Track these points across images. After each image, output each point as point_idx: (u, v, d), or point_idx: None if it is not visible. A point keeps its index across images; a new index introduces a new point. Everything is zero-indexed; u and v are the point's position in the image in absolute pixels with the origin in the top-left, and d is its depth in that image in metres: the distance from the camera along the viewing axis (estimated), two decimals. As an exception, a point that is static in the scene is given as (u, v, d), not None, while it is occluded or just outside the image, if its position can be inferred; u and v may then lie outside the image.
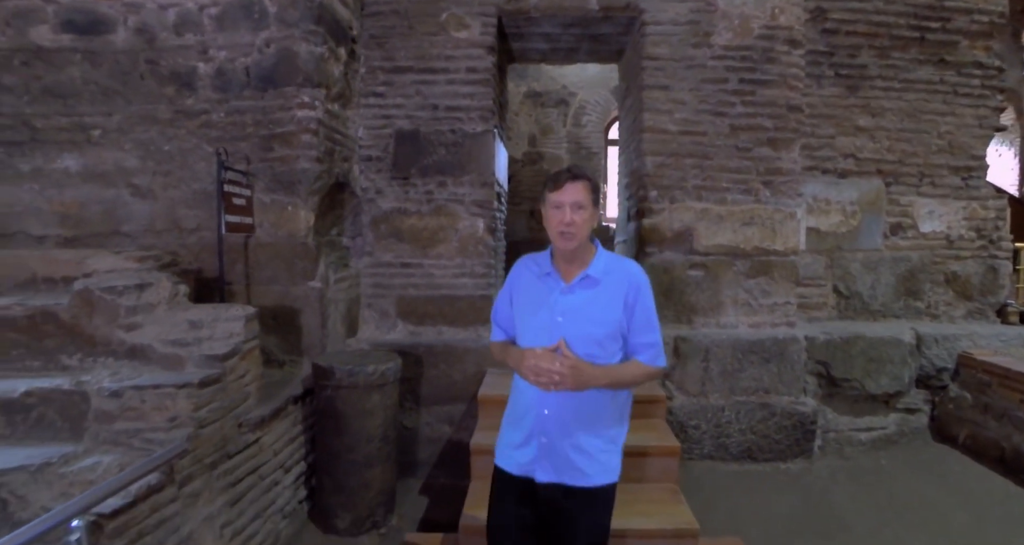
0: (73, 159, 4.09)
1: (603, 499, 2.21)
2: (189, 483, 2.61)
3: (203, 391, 2.66)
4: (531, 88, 9.26)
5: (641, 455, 3.56)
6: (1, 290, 3.25)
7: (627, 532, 3.10)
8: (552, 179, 2.16)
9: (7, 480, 2.35)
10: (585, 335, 2.13)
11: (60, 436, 2.64)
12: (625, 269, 2.21)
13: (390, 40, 4.66)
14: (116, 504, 2.22)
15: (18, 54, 4.15)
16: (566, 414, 2.16)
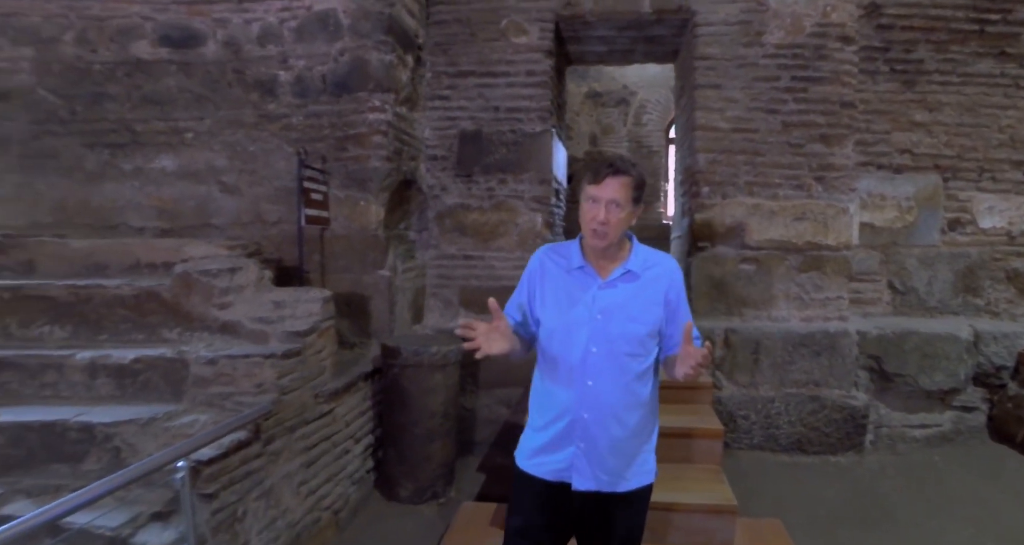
0: (169, 159, 4.55)
1: (641, 500, 2.13)
2: (272, 442, 2.94)
3: (286, 362, 3.00)
4: (592, 88, 9.43)
5: (686, 436, 3.73)
6: (110, 273, 3.70)
7: (667, 505, 3.27)
8: (593, 170, 2.00)
9: (120, 431, 2.74)
10: (627, 333, 2.00)
11: (163, 397, 3.03)
12: (664, 265, 2.10)
13: (453, 47, 4.96)
14: (210, 454, 2.55)
15: (121, 66, 4.63)
16: (606, 416, 2.03)
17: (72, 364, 3.11)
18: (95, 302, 3.40)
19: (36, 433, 2.82)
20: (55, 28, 4.65)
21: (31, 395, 3.11)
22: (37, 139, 4.64)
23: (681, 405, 4.08)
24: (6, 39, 4.64)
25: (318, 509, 3.38)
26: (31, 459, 2.82)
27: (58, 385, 3.11)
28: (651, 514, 3.25)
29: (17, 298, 3.44)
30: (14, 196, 4.61)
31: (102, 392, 3.09)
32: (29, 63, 4.65)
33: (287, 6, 4.49)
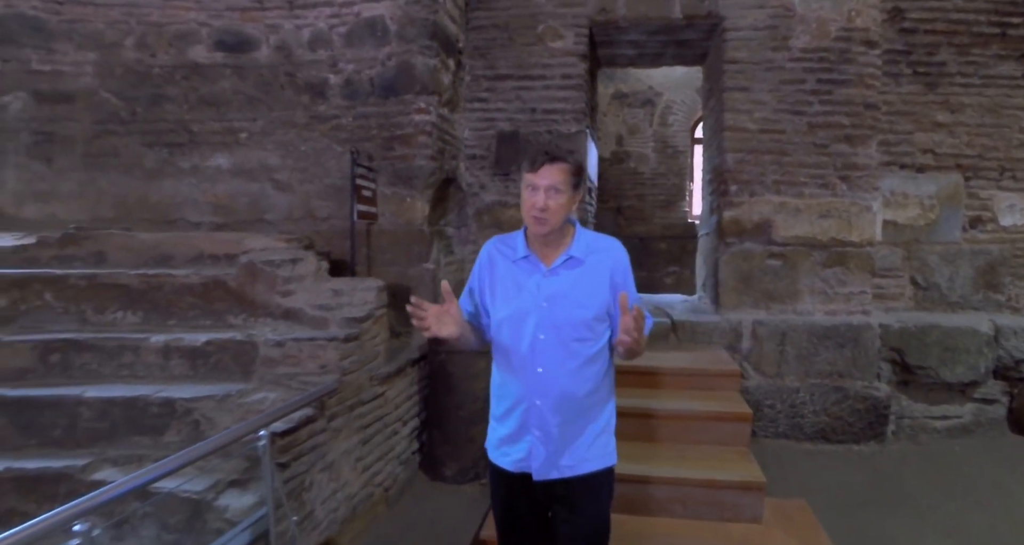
0: (224, 158, 4.82)
1: (604, 484, 2.14)
2: (334, 419, 3.18)
3: (346, 345, 3.24)
4: (618, 89, 9.59)
5: (716, 420, 3.93)
6: (175, 264, 3.97)
7: (699, 482, 3.47)
8: (530, 159, 2.03)
9: (198, 406, 3.00)
10: (573, 319, 2.02)
11: (233, 377, 3.28)
12: (608, 249, 2.12)
13: (492, 51, 5.19)
14: (283, 427, 2.79)
15: (179, 70, 4.91)
16: (560, 400, 2.04)
17: (147, 346, 3.37)
18: (165, 290, 3.67)
19: (120, 408, 3.08)
20: (117, 33, 4.94)
21: (110, 375, 3.37)
22: (100, 139, 4.93)
23: (709, 392, 4.27)
24: (71, 44, 4.94)
25: (371, 485, 3.62)
26: (115, 432, 3.08)
27: (135, 366, 3.37)
28: (685, 490, 3.50)
29: (92, 286, 3.72)
30: (78, 193, 4.90)
31: (176, 372, 3.35)
32: (92, 67, 4.94)
33: (336, 13, 4.74)
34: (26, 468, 2.88)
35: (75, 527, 1.83)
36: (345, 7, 4.75)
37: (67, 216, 4.78)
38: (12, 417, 3.10)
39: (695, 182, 9.84)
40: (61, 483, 2.81)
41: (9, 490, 2.85)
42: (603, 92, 9.54)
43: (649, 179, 9.55)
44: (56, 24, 4.92)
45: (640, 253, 9.23)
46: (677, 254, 9.28)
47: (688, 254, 8.78)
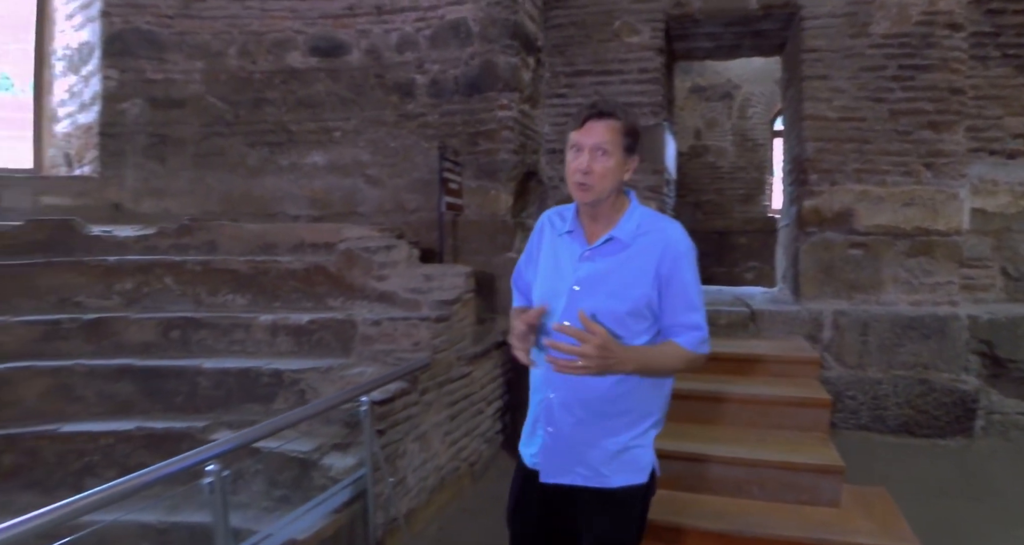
0: (320, 155, 5.16)
1: (624, 504, 1.81)
2: (426, 394, 3.41)
3: (438, 325, 3.47)
4: (696, 83, 9.53)
5: (794, 405, 3.95)
6: (279, 252, 4.31)
7: (777, 464, 3.51)
8: (574, 116, 1.78)
9: (304, 377, 3.29)
10: (604, 310, 1.73)
11: (333, 353, 3.57)
12: (662, 231, 1.80)
13: (570, 48, 5.35)
14: (381, 397, 3.03)
15: (278, 75, 5.28)
16: (576, 401, 1.78)
17: (257, 324, 3.71)
18: (270, 275, 4.00)
19: (234, 378, 3.41)
20: (221, 43, 5.35)
21: (223, 349, 3.72)
22: (207, 140, 5.35)
23: (788, 378, 4.29)
24: (181, 54, 5.38)
25: (458, 459, 3.84)
26: (230, 399, 3.41)
27: (245, 342, 3.71)
28: (762, 472, 3.55)
29: (206, 271, 4.09)
30: (188, 189, 5.34)
31: (282, 348, 3.67)
32: (200, 74, 5.37)
33: (422, 16, 5.01)
34: (155, 428, 3.26)
35: (208, 467, 2.09)
36: (430, 11, 5.01)
37: (179, 210, 5.21)
38: (141, 385, 3.48)
39: (775, 176, 9.71)
40: (183, 442, 3.14)
41: (140, 446, 3.23)
42: (680, 86, 9.50)
43: (728, 173, 9.45)
44: (168, 36, 5.37)
45: (719, 248, 9.18)
46: (757, 249, 9.16)
47: (769, 249, 8.67)
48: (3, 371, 3.50)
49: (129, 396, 3.48)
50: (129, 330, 3.75)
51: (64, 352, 3.70)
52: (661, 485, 3.53)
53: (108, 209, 5.24)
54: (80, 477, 3.26)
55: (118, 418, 3.37)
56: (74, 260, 4.16)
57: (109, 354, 3.67)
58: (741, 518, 3.36)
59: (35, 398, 3.50)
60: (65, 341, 3.74)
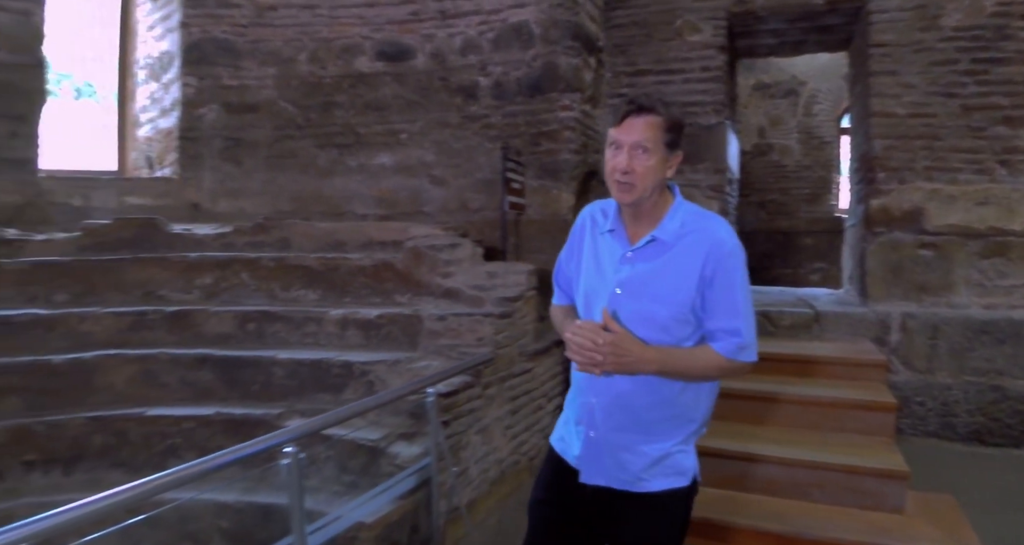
0: (387, 156, 5.33)
1: (666, 507, 1.78)
2: (489, 388, 3.51)
3: (501, 321, 3.57)
4: (759, 80, 9.36)
5: (858, 408, 3.89)
6: (348, 249, 4.48)
7: (836, 466, 3.46)
8: (613, 112, 1.71)
9: (373, 369, 3.42)
10: (646, 315, 1.69)
11: (400, 346, 3.70)
12: (707, 230, 1.72)
13: (631, 47, 5.39)
14: (445, 389, 3.13)
15: (346, 79, 5.47)
16: (618, 407, 1.75)
17: (328, 318, 3.87)
18: (341, 271, 4.17)
19: (307, 368, 3.57)
20: (292, 50, 5.58)
21: (296, 342, 3.90)
22: (279, 143, 5.58)
23: (853, 381, 4.22)
24: (255, 61, 5.63)
25: (518, 453, 3.92)
26: (303, 388, 3.58)
27: (317, 334, 3.88)
28: (824, 474, 3.51)
29: (280, 267, 4.29)
30: (261, 190, 5.58)
31: (351, 341, 3.82)
32: (272, 80, 5.61)
33: (485, 20, 5.13)
34: (233, 413, 3.46)
35: (286, 449, 2.22)
36: (493, 14, 5.12)
37: (253, 210, 5.45)
38: (220, 373, 3.69)
39: (842, 174, 9.46)
40: (259, 427, 3.30)
41: (219, 431, 3.43)
42: (743, 83, 9.32)
43: (793, 172, 9.25)
44: (242, 45, 5.63)
45: (784, 248, 9.01)
46: (823, 250, 8.94)
47: (835, 250, 8.45)
48: (94, 358, 3.76)
49: (209, 384, 3.69)
50: (209, 322, 3.97)
51: (149, 341, 3.94)
52: (720, 484, 3.60)
53: (187, 208, 5.52)
54: (164, 458, 3.46)
55: (199, 404, 3.59)
56: (158, 256, 4.42)
57: (190, 344, 3.89)
58: (800, 520, 3.34)
59: (123, 383, 3.74)
60: (150, 331, 3.99)
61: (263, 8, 5.59)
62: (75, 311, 4.03)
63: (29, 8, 4.93)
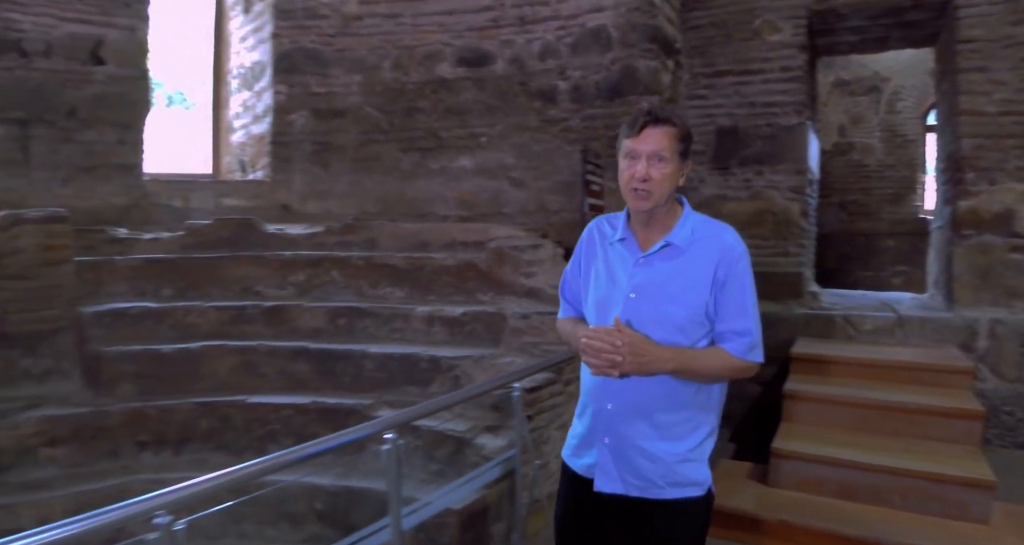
0: (467, 159, 5.50)
1: (680, 516, 1.81)
2: (569, 385, 3.61)
3: (580, 319, 3.66)
4: (839, 77, 9.07)
5: (942, 415, 3.81)
6: (432, 249, 4.68)
7: (918, 473, 3.42)
8: (630, 121, 1.78)
9: (459, 363, 3.59)
10: (662, 317, 1.76)
11: (484, 343, 3.85)
12: (717, 237, 1.81)
13: (709, 49, 5.39)
14: (529, 385, 3.25)
15: (428, 85, 5.67)
16: (633, 411, 1.79)
17: (415, 315, 4.07)
18: (426, 270, 4.37)
19: (396, 362, 3.77)
20: (377, 57, 5.81)
21: (384, 337, 4.12)
22: (364, 146, 5.83)
23: (937, 388, 4.13)
24: (341, 69, 5.88)
25: (596, 449, 4.01)
26: (392, 381, 3.77)
27: (404, 330, 4.09)
28: (905, 481, 3.46)
29: (368, 265, 4.52)
30: (347, 192, 5.84)
31: (437, 337, 4.00)
32: (358, 87, 5.86)
33: (563, 25, 5.23)
34: (327, 403, 3.71)
35: (387, 435, 2.38)
36: (571, 19, 5.21)
37: (339, 211, 5.70)
38: (314, 365, 3.94)
39: (927, 174, 9.13)
40: (352, 416, 3.51)
41: (315, 418, 3.67)
42: (822, 81, 9.02)
43: (875, 171, 8.93)
44: (329, 53, 5.89)
45: (864, 251, 8.76)
46: (907, 252, 8.62)
47: (919, 252, 8.15)
48: (199, 348, 4.06)
49: (304, 375, 3.93)
50: (302, 317, 4.23)
51: (248, 334, 4.22)
52: (797, 488, 3.61)
53: (278, 209, 5.82)
54: (263, 442, 3.71)
55: (295, 393, 3.83)
56: (255, 254, 4.71)
57: (286, 337, 4.14)
58: (880, 526, 3.32)
59: (225, 372, 4.03)
60: (249, 325, 4.27)
61: (349, 18, 5.84)
62: (181, 305, 4.35)
63: (135, 24, 5.31)
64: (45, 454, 3.64)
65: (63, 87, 5.00)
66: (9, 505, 3.32)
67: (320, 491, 3.40)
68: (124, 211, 5.28)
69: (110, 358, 3.95)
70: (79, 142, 5.10)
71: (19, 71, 4.81)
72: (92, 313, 4.16)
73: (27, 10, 4.82)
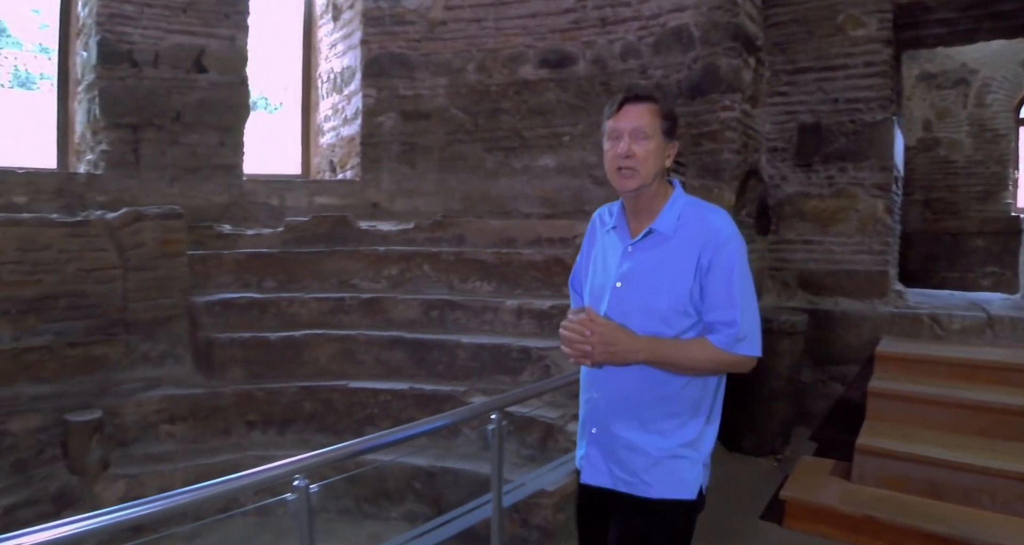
0: (550, 158, 5.66)
1: (665, 517, 1.73)
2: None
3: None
4: (924, 70, 8.76)
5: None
6: (518, 245, 4.87)
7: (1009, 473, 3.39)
8: (610, 102, 1.75)
9: (549, 354, 3.77)
10: (644, 306, 1.70)
11: (572, 336, 3.98)
12: (704, 220, 1.73)
13: (791, 45, 5.38)
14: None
15: (511, 86, 5.84)
16: (616, 401, 1.75)
17: (504, 307, 4.26)
18: (513, 265, 4.55)
19: (488, 352, 3.96)
20: (461, 61, 6.02)
21: (475, 328, 4.32)
22: (450, 146, 6.06)
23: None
24: (427, 72, 6.12)
25: (678, 440, 4.10)
26: (483, 370, 3.97)
27: (494, 322, 4.28)
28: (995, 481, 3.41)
29: (458, 260, 4.74)
30: (434, 190, 6.08)
31: (525, 329, 4.18)
32: (444, 89, 6.09)
33: (644, 25, 5.32)
34: (423, 389, 3.93)
35: (492, 416, 2.56)
36: (652, 19, 5.30)
37: (426, 208, 5.95)
38: (409, 353, 4.18)
39: (1020, 171, 8.75)
40: (447, 402, 3.72)
41: (411, 404, 3.91)
42: (906, 74, 8.76)
43: (963, 168, 8.58)
44: (416, 58, 6.14)
45: (951, 251, 8.46)
46: (997, 252, 8.28)
47: (1010, 252, 7.85)
48: (303, 336, 4.34)
49: (400, 362, 4.16)
50: (397, 308, 4.47)
51: (346, 324, 4.50)
52: (882, 484, 3.64)
53: (367, 207, 6.11)
54: (362, 425, 3.96)
55: (392, 380, 4.07)
56: (351, 249, 5.00)
57: (382, 327, 4.39)
58: (968, 525, 3.31)
59: (326, 359, 4.30)
60: (347, 315, 4.54)
61: (434, 24, 6.08)
62: (284, 296, 4.65)
63: (235, 34, 5.66)
64: (165, 430, 3.99)
65: (170, 94, 5.37)
66: (135, 475, 3.67)
67: (418, 471, 3.62)
68: (224, 209, 5.65)
69: (221, 344, 4.27)
70: (184, 144, 5.47)
71: (131, 80, 5.20)
72: (203, 302, 4.50)
73: (137, 24, 5.20)
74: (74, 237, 4.30)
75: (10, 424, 3.52)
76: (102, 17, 5.03)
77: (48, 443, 3.60)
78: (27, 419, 3.57)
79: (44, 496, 3.43)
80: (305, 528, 2.00)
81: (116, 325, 4.39)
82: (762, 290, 5.52)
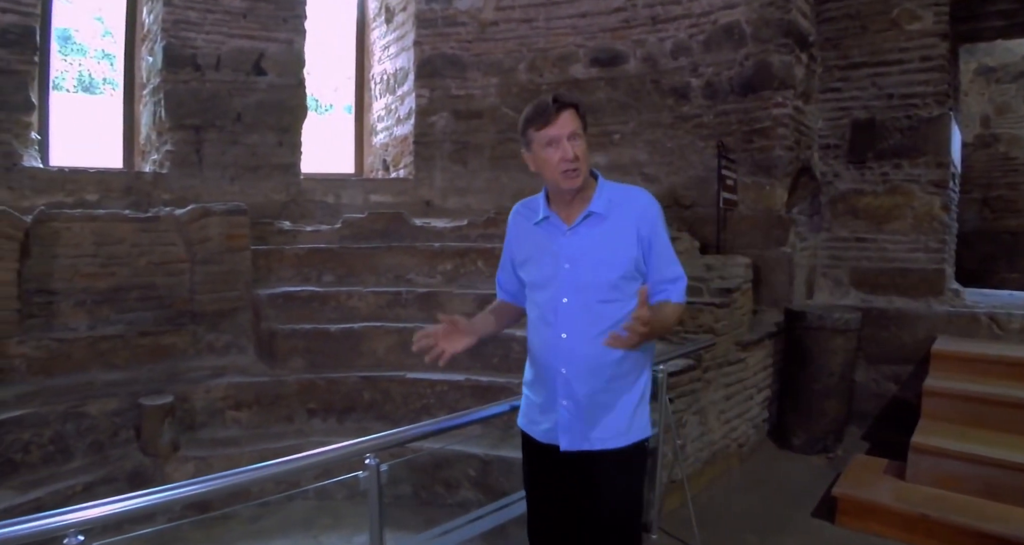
0: (601, 156, 5.71)
1: (635, 459, 2.03)
2: (707, 372, 3.77)
3: (719, 310, 3.83)
4: (982, 64, 8.51)
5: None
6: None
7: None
8: (536, 113, 1.91)
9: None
10: (597, 280, 1.91)
11: (623, 330, 4.04)
12: (634, 199, 1.98)
13: (844, 41, 5.33)
14: (671, 369, 3.43)
15: (562, 85, 5.91)
16: (588, 371, 1.94)
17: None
18: (564, 261, 4.59)
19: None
20: (512, 60, 6.12)
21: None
22: (501, 145, 6.16)
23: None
24: (479, 72, 6.23)
25: (729, 438, 4.14)
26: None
27: (546, 317, 4.32)
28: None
29: (510, 257, 4.79)
30: (486, 188, 6.20)
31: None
32: (495, 88, 6.20)
33: (695, 23, 5.34)
34: (479, 380, 4.03)
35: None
36: (703, 17, 5.32)
37: (478, 205, 6.06)
38: (464, 347, 4.24)
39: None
40: (503, 393, 3.80)
41: (467, 394, 4.03)
42: (963, 68, 8.50)
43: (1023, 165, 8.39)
44: (468, 58, 6.26)
45: (1012, 251, 8.18)
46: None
47: (1075, 252, 7.63)
48: (362, 328, 4.50)
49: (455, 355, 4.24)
50: (452, 302, 4.58)
51: (403, 317, 4.64)
52: (936, 483, 3.63)
53: (420, 205, 6.25)
54: (419, 414, 4.09)
55: (448, 371, 4.15)
56: (407, 245, 5.13)
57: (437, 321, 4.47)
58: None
59: (383, 351, 4.45)
60: (403, 308, 4.68)
61: (485, 24, 6.18)
62: (343, 289, 4.81)
63: (292, 38, 5.85)
64: (231, 416, 4.18)
65: (230, 96, 5.58)
66: (204, 457, 3.86)
67: (473, 459, 3.72)
68: (283, 206, 5.84)
69: (283, 335, 4.45)
70: (244, 144, 5.67)
71: (194, 83, 5.42)
72: (266, 295, 4.69)
73: (200, 29, 5.42)
74: (145, 232, 4.55)
75: (89, 407, 3.74)
76: (167, 23, 5.27)
77: (122, 426, 3.83)
78: (104, 403, 3.80)
79: (120, 475, 3.63)
80: (375, 504, 2.12)
81: (184, 316, 4.62)
82: (814, 288, 5.49)
